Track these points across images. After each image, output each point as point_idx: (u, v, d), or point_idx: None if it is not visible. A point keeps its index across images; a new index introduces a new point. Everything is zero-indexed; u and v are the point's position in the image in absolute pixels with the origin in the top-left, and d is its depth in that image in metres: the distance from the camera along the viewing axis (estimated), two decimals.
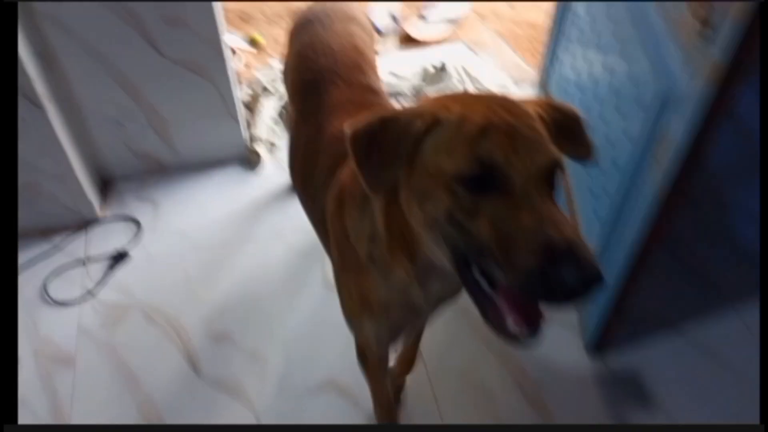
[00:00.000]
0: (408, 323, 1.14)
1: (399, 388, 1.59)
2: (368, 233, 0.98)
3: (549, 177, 0.76)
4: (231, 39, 2.74)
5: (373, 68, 1.39)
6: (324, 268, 1.89)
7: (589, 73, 1.77)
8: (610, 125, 1.57)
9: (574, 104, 1.88)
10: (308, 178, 1.24)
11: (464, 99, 0.83)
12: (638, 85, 1.40)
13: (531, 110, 0.81)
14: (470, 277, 0.79)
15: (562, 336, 1.71)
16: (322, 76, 1.30)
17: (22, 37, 1.63)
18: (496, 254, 0.73)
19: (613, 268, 1.46)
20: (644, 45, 1.37)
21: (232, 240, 1.98)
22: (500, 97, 0.81)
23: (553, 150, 0.77)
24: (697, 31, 1.12)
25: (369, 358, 1.25)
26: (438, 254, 0.84)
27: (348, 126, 0.82)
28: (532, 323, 0.77)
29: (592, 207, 1.64)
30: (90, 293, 1.83)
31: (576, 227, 0.73)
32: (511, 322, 0.77)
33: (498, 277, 0.74)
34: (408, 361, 1.57)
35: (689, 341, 1.70)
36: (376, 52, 1.47)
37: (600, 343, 1.63)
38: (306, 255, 1.93)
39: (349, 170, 1.03)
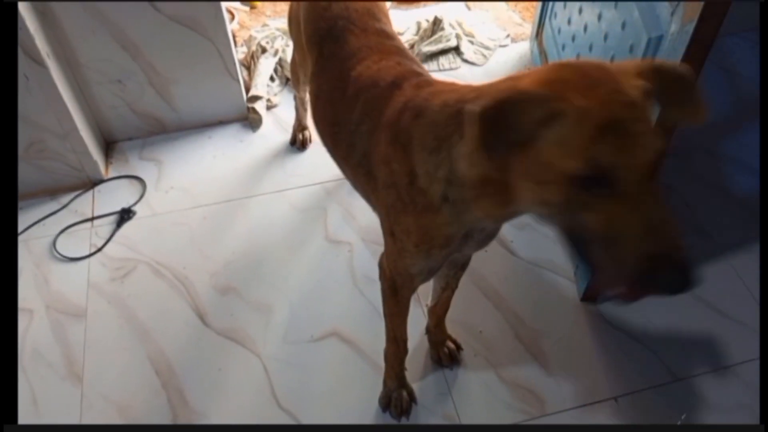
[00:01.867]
0: (459, 248, 1.16)
1: (439, 346, 1.60)
2: (444, 176, 0.99)
3: (655, 166, 0.79)
4: None
5: (385, 13, 1.41)
6: (326, 222, 1.94)
7: (580, 20, 1.79)
8: None
9: (567, 54, 1.91)
10: (339, 125, 1.26)
11: (579, 83, 0.79)
12: (626, 29, 1.43)
13: (639, 90, 0.80)
14: (583, 251, 0.85)
15: (559, 285, 1.77)
16: (336, 24, 1.33)
17: None
18: (606, 247, 0.80)
19: None
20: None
21: (234, 197, 2.02)
22: (613, 81, 0.79)
23: (660, 141, 0.78)
24: None
25: (402, 297, 1.29)
26: (537, 216, 0.89)
27: (475, 105, 0.80)
28: (629, 299, 0.85)
29: None
30: (98, 249, 1.87)
31: (677, 230, 0.78)
32: (611, 291, 0.85)
33: (603, 263, 0.82)
34: (441, 313, 1.57)
35: None
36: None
37: (593, 293, 1.69)
38: (307, 210, 1.97)
39: (408, 113, 1.05)
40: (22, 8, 1.63)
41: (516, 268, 1.82)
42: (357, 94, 1.21)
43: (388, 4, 1.63)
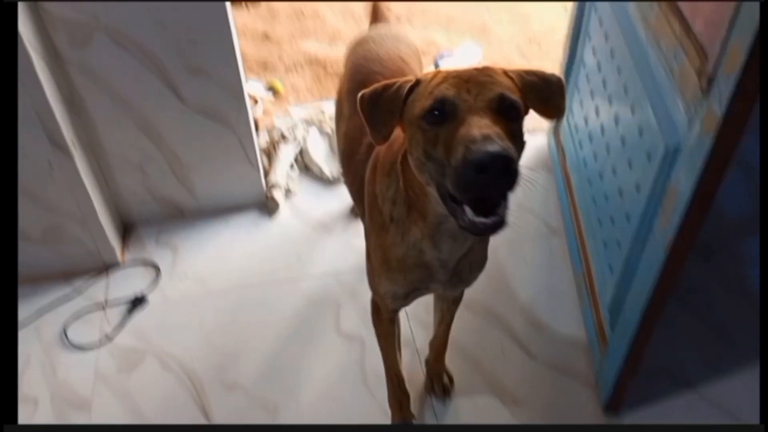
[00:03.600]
0: (423, 285, 1.28)
1: (434, 377, 1.70)
2: (391, 196, 1.19)
3: (498, 109, 0.96)
4: (251, 86, 2.82)
5: (415, 74, 1.53)
6: (338, 316, 1.90)
7: (597, 121, 1.80)
8: (619, 176, 1.59)
9: (585, 154, 1.91)
10: (351, 157, 1.44)
11: (450, 69, 1.03)
12: (644, 136, 1.42)
13: (500, 72, 1.02)
14: (449, 202, 0.99)
15: (579, 391, 1.70)
16: (370, 78, 1.49)
17: (51, 85, 1.69)
18: (447, 167, 0.93)
19: (627, 323, 1.46)
20: (648, 94, 1.39)
21: (247, 286, 2.00)
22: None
23: (501, 88, 0.97)
24: (695, 83, 1.14)
25: (382, 317, 1.45)
26: (436, 199, 1.03)
27: (360, 93, 1.07)
28: (489, 212, 0.94)
29: (606, 259, 1.65)
30: (108, 338, 1.85)
31: (496, 129, 0.91)
32: (472, 215, 0.95)
33: (450, 189, 0.94)
34: (438, 346, 1.67)
35: (703, 396, 1.68)
36: (420, 68, 1.67)
37: (615, 400, 1.61)
38: (320, 302, 1.94)
39: (385, 146, 1.21)
40: (51, 98, 1.68)
41: (534, 371, 1.75)
42: (361, 134, 1.40)
43: None
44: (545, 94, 1.06)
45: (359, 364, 1.77)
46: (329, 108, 2.67)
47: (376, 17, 1.89)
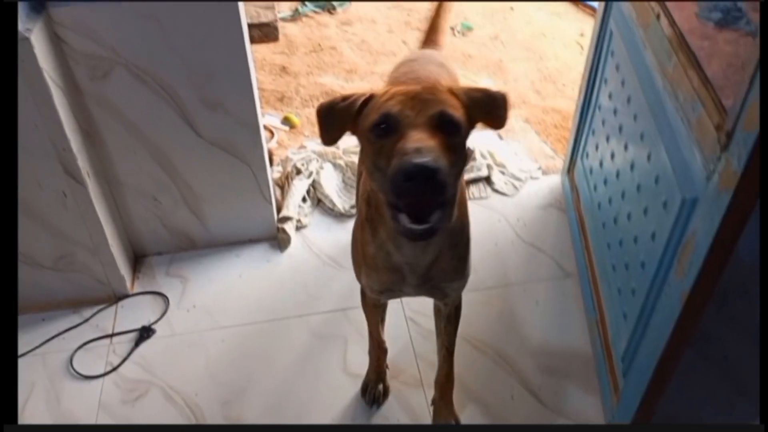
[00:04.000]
0: (396, 287, 1.38)
1: (441, 420, 1.70)
2: (366, 197, 1.30)
3: (440, 124, 1.06)
4: (267, 118, 2.84)
5: None
6: (345, 353, 1.88)
7: (613, 165, 1.79)
8: (634, 222, 1.57)
9: (600, 197, 1.89)
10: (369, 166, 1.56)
11: (403, 85, 1.17)
12: (660, 184, 1.40)
13: (445, 90, 1.14)
14: (391, 209, 1.09)
15: None
16: None
17: (69, 116, 1.71)
18: (387, 177, 1.03)
19: (641, 373, 1.43)
20: (665, 143, 1.38)
21: (255, 320, 1.99)
22: (428, 82, 1.17)
23: (442, 105, 1.08)
24: (713, 136, 1.13)
25: (367, 300, 1.60)
26: (373, 183, 1.14)
27: (320, 103, 1.21)
28: (419, 219, 1.05)
29: (620, 307, 1.62)
30: (114, 368, 1.84)
31: (429, 143, 1.01)
32: (406, 221, 1.06)
33: (387, 196, 1.06)
34: (443, 381, 1.66)
35: None
36: None
37: None
38: (327, 338, 1.93)
39: None
40: (68, 130, 1.69)
41: (544, 418, 1.71)
42: None
43: None
44: (489, 107, 1.17)
45: (365, 405, 1.74)
46: (343, 142, 2.68)
47: (428, 41, 2.00)
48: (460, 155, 1.11)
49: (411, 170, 0.97)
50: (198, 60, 1.76)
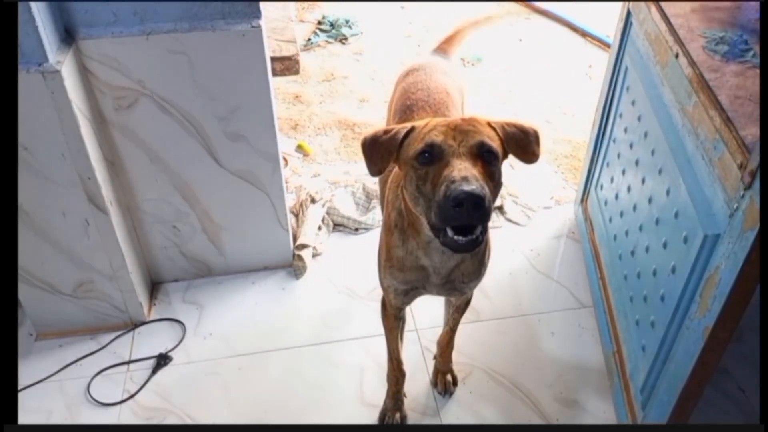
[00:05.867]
0: (420, 284, 1.46)
1: (438, 374, 1.87)
2: (398, 208, 1.39)
3: (480, 153, 1.15)
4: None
5: (457, 110, 1.75)
6: (362, 383, 1.88)
7: (628, 198, 1.81)
8: (653, 255, 1.58)
9: (615, 229, 1.91)
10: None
11: (441, 119, 1.23)
12: (680, 219, 1.42)
13: (483, 122, 1.22)
14: (434, 228, 1.18)
15: None
16: (416, 104, 1.71)
17: (94, 146, 1.74)
18: (432, 201, 1.13)
19: (661, 406, 1.43)
20: (685, 179, 1.40)
21: (271, 347, 1.99)
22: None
23: (482, 136, 1.17)
24: (736, 175, 1.15)
25: (387, 309, 1.63)
26: (426, 227, 1.25)
27: (363, 135, 1.29)
28: (465, 233, 1.13)
29: (638, 339, 1.63)
30: (131, 396, 1.84)
31: (473, 171, 1.10)
32: (452, 234, 1.14)
33: (434, 220, 1.14)
34: (443, 345, 1.83)
35: None
36: (461, 103, 1.85)
37: None
38: (344, 367, 1.93)
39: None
40: (94, 159, 1.72)
41: None
42: None
43: None
44: (523, 142, 1.25)
45: None
46: (355, 170, 2.72)
47: (441, 47, 2.09)
48: (498, 182, 1.20)
49: (461, 197, 1.06)
50: (223, 93, 1.79)
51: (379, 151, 1.26)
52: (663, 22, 1.60)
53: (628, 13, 1.88)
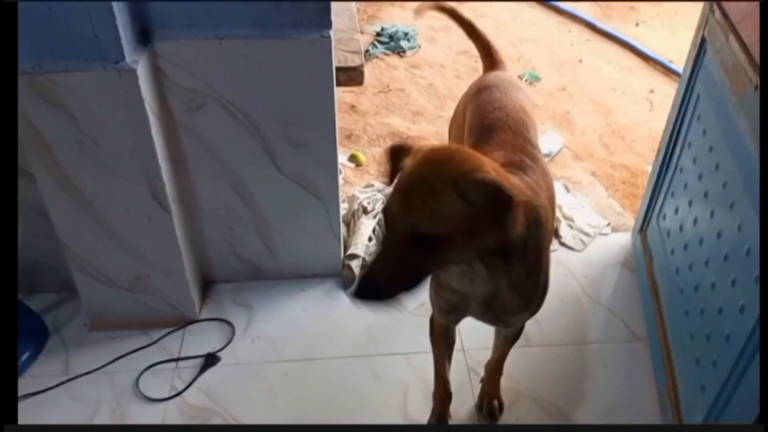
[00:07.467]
0: (462, 306, 1.44)
1: (484, 398, 1.85)
2: None
3: (410, 240, 1.08)
4: None
5: (535, 129, 1.70)
6: (406, 398, 1.87)
7: (694, 231, 1.75)
8: (719, 292, 1.53)
9: (678, 262, 1.85)
10: None
11: (426, 155, 1.15)
12: (752, 257, 1.37)
13: (449, 186, 1.07)
14: None
15: None
16: (496, 124, 1.64)
17: (162, 145, 1.78)
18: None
19: None
20: (758, 213, 1.35)
21: (317, 356, 2.00)
22: (437, 168, 1.11)
23: (426, 224, 1.07)
24: None
25: (435, 329, 1.65)
26: None
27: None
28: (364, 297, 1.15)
29: (697, 378, 1.57)
30: (178, 393, 1.87)
31: (379, 263, 1.13)
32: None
33: None
34: (491, 371, 1.82)
35: None
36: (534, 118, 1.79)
37: None
38: (389, 382, 1.92)
39: None
40: (160, 158, 1.76)
41: None
42: None
43: None
44: (497, 214, 1.13)
45: None
46: None
47: (491, 64, 2.03)
48: (440, 260, 1.15)
49: (355, 290, 1.15)
50: (288, 100, 1.81)
51: (391, 165, 1.27)
52: (742, 52, 1.55)
53: (703, 40, 1.83)
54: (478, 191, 1.06)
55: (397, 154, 1.23)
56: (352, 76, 2.01)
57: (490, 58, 2.05)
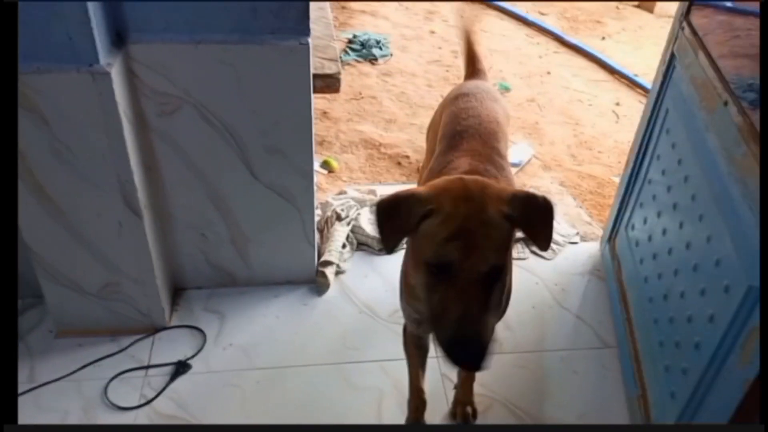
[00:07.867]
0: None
1: (458, 405, 1.85)
2: None
3: (489, 277, 1.11)
4: None
5: (506, 140, 1.76)
6: (380, 406, 1.87)
7: (663, 241, 1.80)
8: (688, 302, 1.57)
9: (647, 271, 1.89)
10: None
11: (457, 195, 1.14)
12: (722, 267, 1.41)
13: (499, 213, 1.13)
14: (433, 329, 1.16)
15: None
16: (467, 131, 1.68)
17: (135, 150, 1.74)
18: (435, 326, 1.13)
19: None
20: (729, 229, 1.39)
21: (291, 364, 1.98)
22: (478, 203, 1.13)
23: (495, 258, 1.11)
24: None
25: (408, 338, 1.67)
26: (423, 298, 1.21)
27: (378, 198, 1.26)
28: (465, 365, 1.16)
29: (667, 386, 1.61)
30: (147, 401, 1.83)
31: (480, 319, 1.09)
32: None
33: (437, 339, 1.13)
34: (464, 378, 1.83)
35: None
36: (508, 131, 1.84)
37: None
38: (363, 389, 1.91)
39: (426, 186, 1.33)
40: (133, 163, 1.73)
41: None
42: (440, 171, 1.58)
43: None
44: (538, 223, 1.22)
45: None
46: (380, 191, 2.72)
47: (473, 72, 2.08)
48: (503, 286, 1.25)
49: (459, 344, 1.08)
50: (265, 107, 1.80)
51: (393, 225, 1.18)
52: (711, 68, 1.60)
53: (672, 56, 1.89)
54: (518, 206, 1.16)
55: (388, 214, 1.18)
56: (328, 83, 2.02)
57: (473, 66, 2.09)
